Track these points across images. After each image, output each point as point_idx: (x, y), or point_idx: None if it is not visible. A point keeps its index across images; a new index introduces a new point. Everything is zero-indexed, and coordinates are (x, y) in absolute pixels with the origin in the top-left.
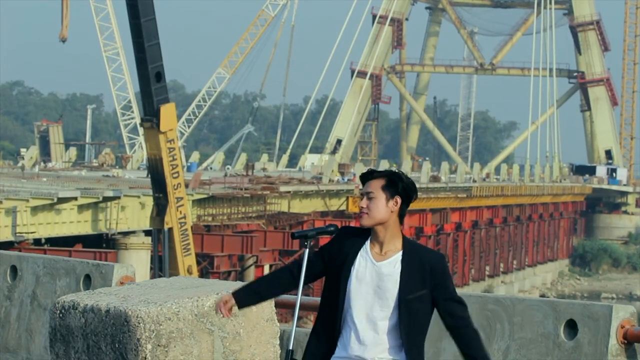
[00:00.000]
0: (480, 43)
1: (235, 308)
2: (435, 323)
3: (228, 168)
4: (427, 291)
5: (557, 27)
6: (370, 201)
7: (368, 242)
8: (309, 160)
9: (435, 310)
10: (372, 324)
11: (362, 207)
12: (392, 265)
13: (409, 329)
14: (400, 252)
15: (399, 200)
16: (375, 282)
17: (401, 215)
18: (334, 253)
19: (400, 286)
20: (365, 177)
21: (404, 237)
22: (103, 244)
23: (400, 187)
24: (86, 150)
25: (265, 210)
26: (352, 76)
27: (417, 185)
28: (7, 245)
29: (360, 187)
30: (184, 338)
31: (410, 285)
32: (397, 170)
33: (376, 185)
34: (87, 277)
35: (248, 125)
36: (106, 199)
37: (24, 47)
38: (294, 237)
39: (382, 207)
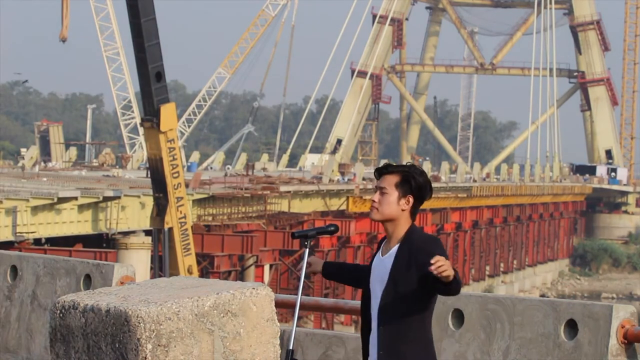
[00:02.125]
0: (481, 43)
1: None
2: (435, 324)
3: (228, 168)
4: (414, 272)
5: (557, 27)
6: (383, 197)
7: (384, 242)
8: (309, 160)
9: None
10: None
11: (373, 200)
12: (392, 256)
13: (388, 317)
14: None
15: (410, 199)
16: (382, 277)
17: (413, 213)
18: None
19: (390, 271)
20: (381, 171)
21: (409, 228)
22: (103, 243)
23: (413, 186)
24: (86, 150)
25: (266, 210)
26: (352, 76)
27: None
28: (7, 245)
29: (376, 180)
30: (184, 338)
31: (399, 268)
32: (414, 166)
33: (390, 182)
34: (87, 277)
35: (248, 125)
36: (106, 199)
37: (24, 47)
38: (294, 237)
39: (393, 205)
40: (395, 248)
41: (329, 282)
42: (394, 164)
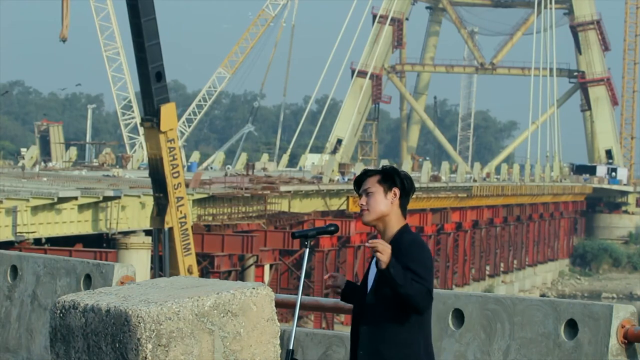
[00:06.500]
0: (481, 43)
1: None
2: (435, 324)
3: (228, 168)
4: None
5: (557, 26)
6: (369, 197)
7: None
8: (309, 160)
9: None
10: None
11: (362, 204)
12: None
13: (370, 317)
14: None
15: (397, 191)
16: (373, 276)
17: (403, 209)
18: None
19: (377, 271)
20: (360, 178)
21: (402, 228)
22: (103, 243)
23: (396, 179)
24: (86, 150)
25: (266, 210)
26: (352, 76)
27: (417, 185)
28: (7, 245)
29: (356, 191)
30: (184, 338)
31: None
32: (390, 165)
33: (373, 181)
34: (88, 277)
35: (248, 125)
36: (106, 199)
37: (24, 47)
38: (294, 237)
39: (381, 200)
40: None
41: None
42: (372, 169)
